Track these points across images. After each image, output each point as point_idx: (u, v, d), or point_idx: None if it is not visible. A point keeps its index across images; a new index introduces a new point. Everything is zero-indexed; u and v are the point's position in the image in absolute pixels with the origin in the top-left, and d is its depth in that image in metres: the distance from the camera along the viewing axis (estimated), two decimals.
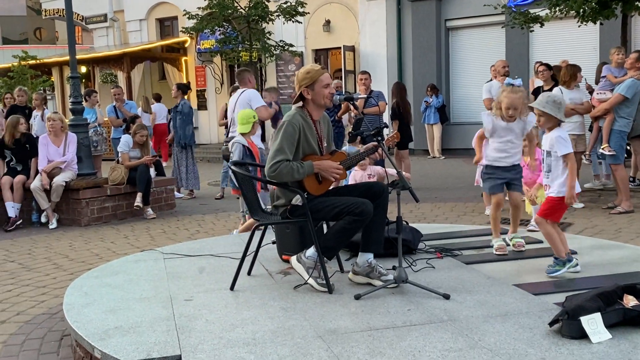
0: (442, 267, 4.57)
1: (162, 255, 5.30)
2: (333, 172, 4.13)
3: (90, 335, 3.41)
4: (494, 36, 15.65)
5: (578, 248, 4.94)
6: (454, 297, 3.80)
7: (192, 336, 3.33)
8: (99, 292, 4.28)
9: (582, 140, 8.31)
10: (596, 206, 8.10)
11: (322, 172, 4.12)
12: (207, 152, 18.52)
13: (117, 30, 22.78)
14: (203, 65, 20.58)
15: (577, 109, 8.15)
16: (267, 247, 4.88)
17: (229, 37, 15.99)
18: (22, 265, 6.27)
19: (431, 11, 16.30)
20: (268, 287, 4.23)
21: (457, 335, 3.22)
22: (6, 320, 4.56)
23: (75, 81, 9.18)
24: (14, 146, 8.65)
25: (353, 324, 3.43)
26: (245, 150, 6.32)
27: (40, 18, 29.34)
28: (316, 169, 4.08)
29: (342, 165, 4.24)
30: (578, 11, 9.56)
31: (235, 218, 8.39)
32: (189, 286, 4.33)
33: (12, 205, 8.37)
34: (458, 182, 10.93)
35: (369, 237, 4.15)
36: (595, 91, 8.63)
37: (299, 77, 4.18)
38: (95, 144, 10.51)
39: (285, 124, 4.08)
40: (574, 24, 10.63)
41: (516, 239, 5.00)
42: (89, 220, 8.43)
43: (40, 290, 5.33)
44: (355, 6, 17.72)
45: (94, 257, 6.46)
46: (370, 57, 17.41)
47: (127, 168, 8.86)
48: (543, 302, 3.67)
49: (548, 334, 3.18)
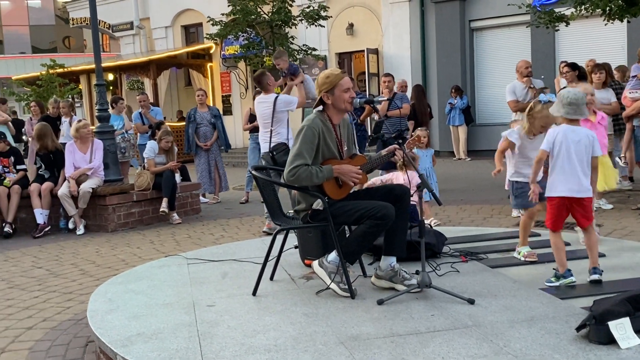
0: (467, 271, 4.51)
1: (186, 261, 5.32)
2: (353, 176, 4.10)
3: (113, 342, 3.43)
4: (518, 36, 15.48)
5: (607, 250, 4.85)
6: (479, 302, 3.75)
7: (213, 342, 3.33)
8: (122, 298, 4.30)
9: (610, 140, 8.15)
10: (625, 207, 7.95)
11: (341, 176, 4.09)
12: (232, 156, 18.59)
13: (143, 37, 23.04)
14: (228, 71, 20.70)
15: (604, 109, 8.00)
16: (289, 251, 4.87)
17: (253, 42, 16.05)
18: (50, 271, 6.34)
19: (455, 12, 16.18)
20: (290, 292, 4.22)
21: (481, 341, 3.16)
22: (33, 327, 4.61)
23: (101, 89, 9.28)
24: (42, 153, 8.78)
25: (375, 329, 3.39)
26: None
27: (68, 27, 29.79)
28: (336, 172, 4.06)
29: (362, 169, 4.21)
30: (604, 9, 9.39)
31: (259, 222, 8.40)
32: (212, 291, 4.33)
33: (41, 212, 8.49)
34: (484, 184, 10.81)
35: (391, 241, 4.11)
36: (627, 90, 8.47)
37: (319, 81, 4.17)
38: (123, 150, 10.61)
39: (305, 128, 4.06)
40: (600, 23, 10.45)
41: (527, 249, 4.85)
42: (116, 226, 8.51)
43: (67, 296, 5.38)
44: (379, 9, 17.68)
45: (120, 263, 6.51)
46: (394, 60, 17.34)
47: (152, 174, 8.94)
48: (570, 307, 3.60)
49: (575, 339, 3.11)
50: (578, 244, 5.16)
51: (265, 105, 8.17)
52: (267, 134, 7.95)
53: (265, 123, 8.11)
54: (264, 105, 8.22)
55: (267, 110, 8.03)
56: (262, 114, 8.17)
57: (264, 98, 8.31)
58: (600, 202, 7.98)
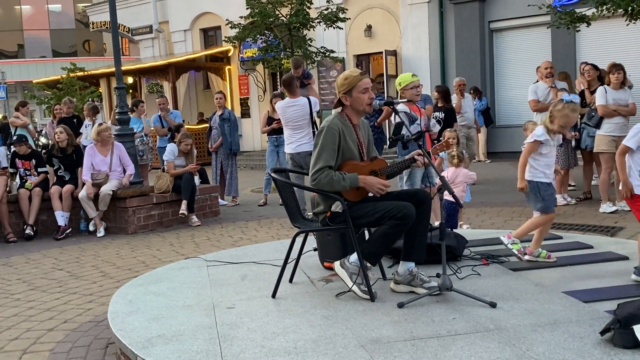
0: (488, 274, 4.46)
1: (205, 263, 5.32)
2: (380, 189, 4.05)
3: (134, 344, 3.44)
4: (539, 37, 15.34)
5: (630, 253, 4.77)
6: (501, 306, 3.70)
7: (233, 345, 3.32)
8: (143, 300, 4.32)
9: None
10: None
11: (367, 187, 4.05)
12: (250, 159, 18.64)
13: (162, 41, 23.19)
14: (246, 74, 20.76)
15: (620, 111, 7.90)
16: (308, 254, 4.85)
17: (271, 45, 16.09)
18: (70, 273, 6.39)
19: (474, 13, 16.08)
20: (310, 294, 4.20)
21: (504, 345, 3.12)
22: (54, 328, 4.64)
23: (120, 92, 9.35)
24: (61, 155, 8.86)
25: (396, 333, 3.37)
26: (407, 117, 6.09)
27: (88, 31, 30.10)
28: (361, 183, 4.02)
29: (382, 173, 4.17)
30: (626, 9, 9.28)
31: (277, 225, 8.40)
32: (231, 294, 4.33)
33: (62, 214, 8.56)
34: (504, 186, 10.72)
35: (411, 245, 4.07)
36: None
37: (338, 83, 4.15)
38: (141, 154, 10.69)
39: (325, 129, 4.04)
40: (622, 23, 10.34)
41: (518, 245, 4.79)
42: (136, 228, 8.56)
43: (87, 298, 5.41)
44: (397, 10, 17.63)
45: (140, 265, 6.54)
46: (413, 61, 17.27)
47: (172, 176, 8.98)
48: (594, 310, 3.55)
49: (599, 343, 3.06)
50: (601, 247, 5.09)
51: (297, 108, 8.30)
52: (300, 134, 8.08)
53: (297, 125, 8.21)
54: (294, 108, 8.34)
55: (300, 112, 8.18)
56: (293, 117, 8.24)
57: (292, 102, 8.42)
58: (621, 204, 7.88)
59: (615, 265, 4.52)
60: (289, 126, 8.41)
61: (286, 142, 8.55)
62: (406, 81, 6.14)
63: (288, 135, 8.45)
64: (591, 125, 8.17)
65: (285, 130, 8.56)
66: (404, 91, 6.14)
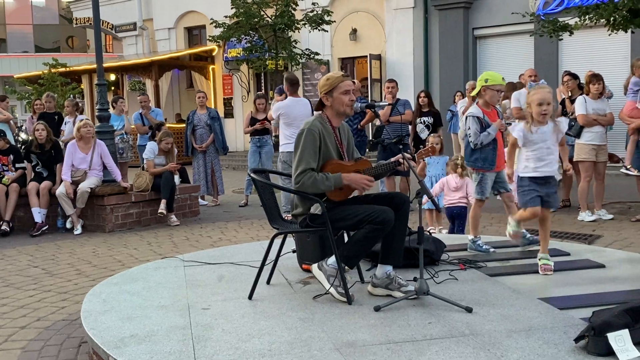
0: (465, 279, 4.47)
1: (183, 263, 5.28)
2: (364, 183, 4.04)
3: (106, 343, 3.39)
4: (522, 45, 15.46)
5: (606, 261, 4.81)
6: (477, 311, 3.70)
7: (207, 346, 3.29)
8: (117, 299, 4.27)
9: (603, 150, 8.12)
10: (626, 218, 7.91)
11: (352, 184, 4.04)
12: (232, 160, 18.56)
13: (146, 38, 23.06)
14: (230, 74, 20.69)
15: (600, 120, 7.99)
16: (287, 256, 4.83)
17: (256, 45, 16.06)
18: (46, 270, 6.30)
19: (459, 20, 16.16)
20: (287, 296, 4.18)
21: (478, 350, 3.12)
22: (26, 326, 4.57)
23: (102, 88, 9.25)
24: (39, 151, 8.75)
25: (372, 336, 3.35)
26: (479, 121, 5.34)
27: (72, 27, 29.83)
28: (345, 181, 4.00)
29: (367, 174, 4.16)
30: (608, 19, 9.37)
31: (257, 226, 8.36)
32: (207, 294, 4.29)
33: (39, 211, 8.45)
34: None
35: (388, 249, 4.06)
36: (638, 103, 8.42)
37: (320, 83, 4.15)
38: (121, 152, 10.59)
39: (305, 131, 4.03)
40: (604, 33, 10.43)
41: (545, 260, 4.65)
42: (113, 227, 8.47)
43: (62, 296, 5.34)
44: (382, 15, 17.67)
45: (116, 264, 6.47)
46: (397, 66, 17.33)
47: (152, 175, 8.90)
48: (569, 317, 3.56)
49: (573, 350, 3.07)
50: (578, 254, 5.12)
51: (302, 107, 8.39)
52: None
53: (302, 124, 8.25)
54: (299, 106, 8.41)
55: (305, 111, 8.27)
56: (300, 115, 8.25)
57: (296, 100, 8.51)
58: (600, 213, 7.96)
59: (591, 273, 4.54)
60: (293, 125, 8.27)
61: (286, 141, 8.36)
62: (495, 80, 5.27)
63: (290, 134, 8.28)
64: (572, 135, 8.24)
65: (286, 130, 8.39)
66: (485, 89, 5.29)
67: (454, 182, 6.78)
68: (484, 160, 5.31)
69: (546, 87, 4.58)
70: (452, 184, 6.79)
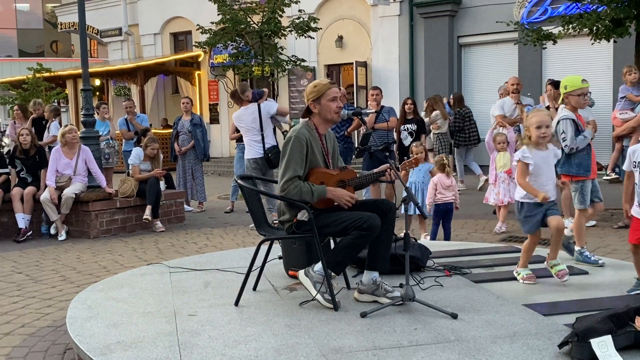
0: (450, 285, 4.50)
1: (168, 269, 5.27)
2: (347, 201, 4.07)
3: (92, 350, 3.38)
4: (506, 53, 15.59)
5: (589, 268, 4.87)
6: (462, 317, 3.74)
7: (194, 352, 3.29)
8: (102, 306, 4.25)
9: None
10: (608, 225, 7.99)
11: (335, 199, 4.06)
12: (218, 165, 18.53)
13: (131, 44, 22.96)
14: (216, 80, 20.66)
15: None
16: (273, 262, 4.83)
17: (242, 51, 16.06)
18: (29, 276, 6.25)
19: (444, 28, 16.28)
20: (273, 303, 4.19)
21: (464, 355, 3.15)
22: (10, 332, 4.53)
23: (87, 94, 9.22)
24: (23, 156, 8.68)
25: (358, 342, 3.37)
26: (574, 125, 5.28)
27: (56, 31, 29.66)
28: (330, 195, 4.03)
29: (351, 184, 4.19)
30: (591, 29, 9.49)
31: (243, 232, 8.35)
32: (194, 301, 4.29)
33: (23, 217, 8.38)
34: (469, 199, 10.83)
35: (375, 255, 4.09)
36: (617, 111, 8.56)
37: (307, 90, 4.17)
38: (107, 157, 10.55)
39: (293, 139, 4.05)
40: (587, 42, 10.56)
41: (558, 267, 4.53)
42: (98, 233, 8.42)
43: (46, 302, 5.30)
44: (368, 22, 17.75)
45: (101, 270, 6.44)
46: (383, 73, 17.41)
47: (137, 181, 8.87)
48: (553, 323, 3.60)
49: (557, 356, 3.11)
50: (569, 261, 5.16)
51: (250, 113, 8.56)
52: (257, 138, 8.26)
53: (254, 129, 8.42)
54: (248, 113, 8.58)
55: (252, 116, 8.42)
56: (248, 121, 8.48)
57: (245, 108, 8.80)
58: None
59: (575, 280, 4.59)
60: (249, 132, 8.58)
61: (248, 148, 8.62)
62: (574, 86, 5.18)
63: (248, 141, 8.59)
64: None
65: (245, 137, 8.71)
66: (568, 96, 5.23)
67: (447, 181, 6.88)
68: (578, 166, 5.21)
69: (544, 110, 4.59)
70: (446, 182, 6.90)
